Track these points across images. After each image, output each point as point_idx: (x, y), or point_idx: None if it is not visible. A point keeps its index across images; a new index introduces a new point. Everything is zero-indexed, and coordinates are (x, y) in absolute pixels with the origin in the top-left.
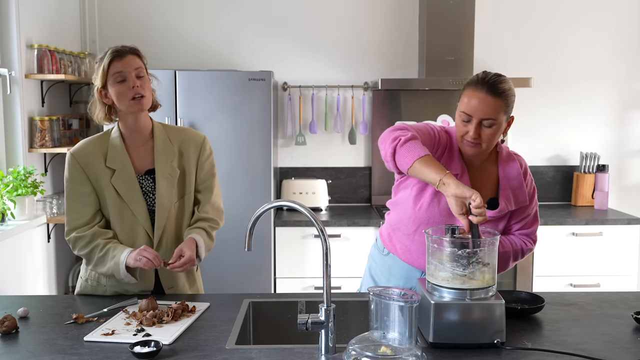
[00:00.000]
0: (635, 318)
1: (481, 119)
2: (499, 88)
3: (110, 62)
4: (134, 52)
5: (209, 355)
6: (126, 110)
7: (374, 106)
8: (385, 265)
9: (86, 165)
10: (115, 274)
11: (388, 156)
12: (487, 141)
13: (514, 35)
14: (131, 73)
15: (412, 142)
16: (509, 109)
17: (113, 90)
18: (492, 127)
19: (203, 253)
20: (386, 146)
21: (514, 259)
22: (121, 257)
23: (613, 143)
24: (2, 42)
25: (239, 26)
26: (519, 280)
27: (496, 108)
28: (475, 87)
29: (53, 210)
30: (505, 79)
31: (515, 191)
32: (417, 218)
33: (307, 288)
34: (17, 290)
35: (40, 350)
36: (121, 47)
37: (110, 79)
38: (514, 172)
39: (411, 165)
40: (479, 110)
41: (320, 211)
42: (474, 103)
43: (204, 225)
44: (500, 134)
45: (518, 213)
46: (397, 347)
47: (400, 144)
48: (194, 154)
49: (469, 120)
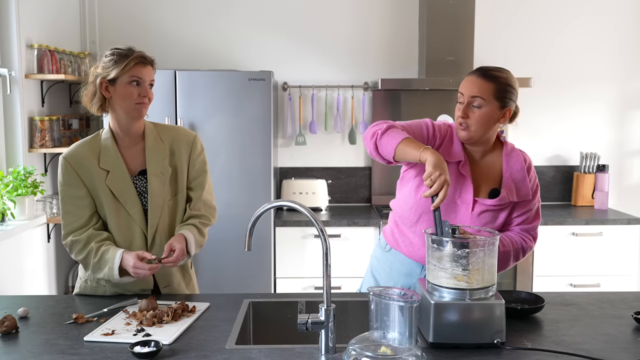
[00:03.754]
0: (635, 318)
1: (470, 96)
2: (491, 73)
3: (135, 64)
4: (152, 64)
5: (209, 355)
6: (125, 111)
7: (374, 106)
8: (387, 262)
9: (79, 168)
10: (112, 280)
11: (373, 152)
12: (475, 124)
13: (513, 35)
14: (146, 82)
15: (389, 132)
16: (502, 96)
17: (122, 89)
18: (482, 108)
19: (193, 249)
20: (368, 144)
21: (515, 258)
22: (115, 264)
23: (613, 143)
24: (2, 42)
25: (239, 26)
26: (519, 280)
27: (485, 89)
28: (471, 73)
29: (53, 210)
30: (503, 69)
31: (518, 184)
32: (419, 207)
33: (307, 288)
34: (17, 290)
35: (40, 350)
36: (145, 56)
37: (126, 78)
38: (518, 166)
39: (394, 152)
40: (468, 89)
41: (320, 211)
42: (465, 84)
43: (194, 222)
44: (492, 121)
45: (520, 206)
46: (397, 347)
47: (379, 138)
48: (185, 152)
49: (462, 101)
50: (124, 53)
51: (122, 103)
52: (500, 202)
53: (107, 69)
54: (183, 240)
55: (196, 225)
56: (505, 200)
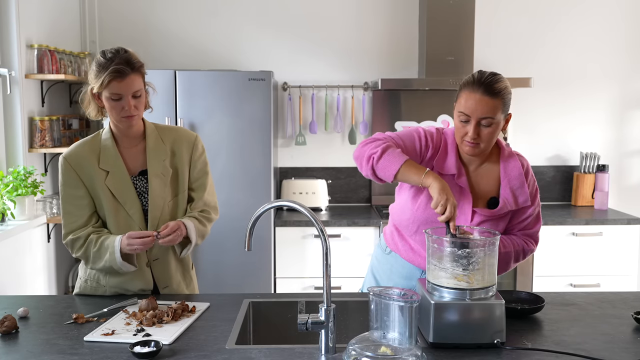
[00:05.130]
0: (635, 318)
1: (479, 118)
2: (495, 88)
3: (109, 81)
4: (136, 70)
5: (209, 355)
6: (116, 122)
7: (374, 106)
8: (387, 264)
9: (79, 168)
10: (114, 266)
11: (370, 176)
12: (486, 140)
13: (514, 35)
14: (128, 95)
15: (386, 155)
16: (506, 107)
17: (106, 103)
18: (491, 126)
19: (193, 235)
20: (364, 167)
21: (515, 259)
22: (115, 246)
23: (613, 143)
24: (2, 42)
25: (239, 26)
26: (519, 280)
27: (494, 107)
28: (472, 88)
29: (53, 210)
30: (500, 77)
31: (517, 191)
32: (416, 219)
33: (307, 288)
34: (17, 290)
35: (40, 350)
36: (123, 67)
37: (106, 93)
38: (516, 172)
39: (394, 178)
40: (477, 110)
41: (320, 211)
42: (471, 104)
43: (193, 214)
44: (498, 132)
45: (519, 213)
46: (397, 347)
47: (375, 162)
48: (186, 152)
49: (468, 120)
50: (103, 64)
51: (110, 115)
52: (499, 212)
53: (92, 80)
54: (180, 222)
55: (195, 217)
56: (504, 210)
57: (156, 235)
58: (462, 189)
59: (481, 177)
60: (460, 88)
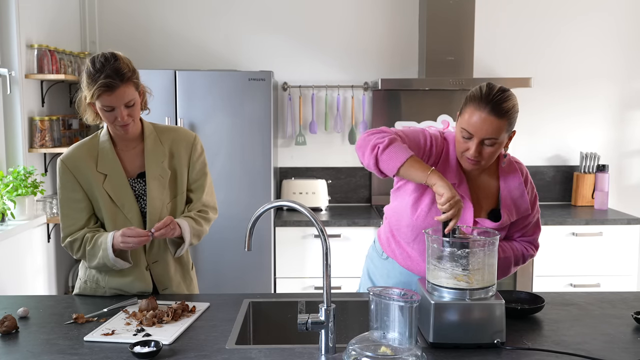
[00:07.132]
0: (635, 318)
1: (483, 138)
2: (502, 108)
3: (99, 95)
4: (127, 80)
5: (209, 355)
6: (111, 130)
7: (374, 106)
8: (384, 269)
9: (77, 171)
10: (107, 262)
11: (371, 166)
12: (487, 159)
13: (514, 35)
14: (120, 106)
15: (392, 147)
16: (511, 127)
17: (100, 112)
18: (494, 145)
19: (187, 235)
20: (367, 155)
21: (515, 264)
22: (107, 242)
23: (613, 143)
24: (2, 42)
25: (239, 26)
26: (519, 281)
27: (499, 128)
28: (479, 105)
29: (53, 210)
30: (509, 95)
31: (517, 201)
32: (416, 227)
33: (307, 288)
34: (17, 290)
35: (40, 350)
36: (112, 80)
37: (98, 104)
38: (515, 182)
39: (397, 172)
40: (481, 130)
41: (320, 211)
42: (475, 122)
43: (189, 214)
44: (501, 149)
45: (519, 222)
46: (397, 347)
47: (380, 152)
48: (185, 153)
49: (470, 137)
50: (92, 75)
51: (105, 122)
52: (500, 226)
53: (84, 89)
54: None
55: (191, 216)
56: (506, 224)
57: (151, 234)
58: (463, 199)
59: (481, 186)
60: (466, 101)
